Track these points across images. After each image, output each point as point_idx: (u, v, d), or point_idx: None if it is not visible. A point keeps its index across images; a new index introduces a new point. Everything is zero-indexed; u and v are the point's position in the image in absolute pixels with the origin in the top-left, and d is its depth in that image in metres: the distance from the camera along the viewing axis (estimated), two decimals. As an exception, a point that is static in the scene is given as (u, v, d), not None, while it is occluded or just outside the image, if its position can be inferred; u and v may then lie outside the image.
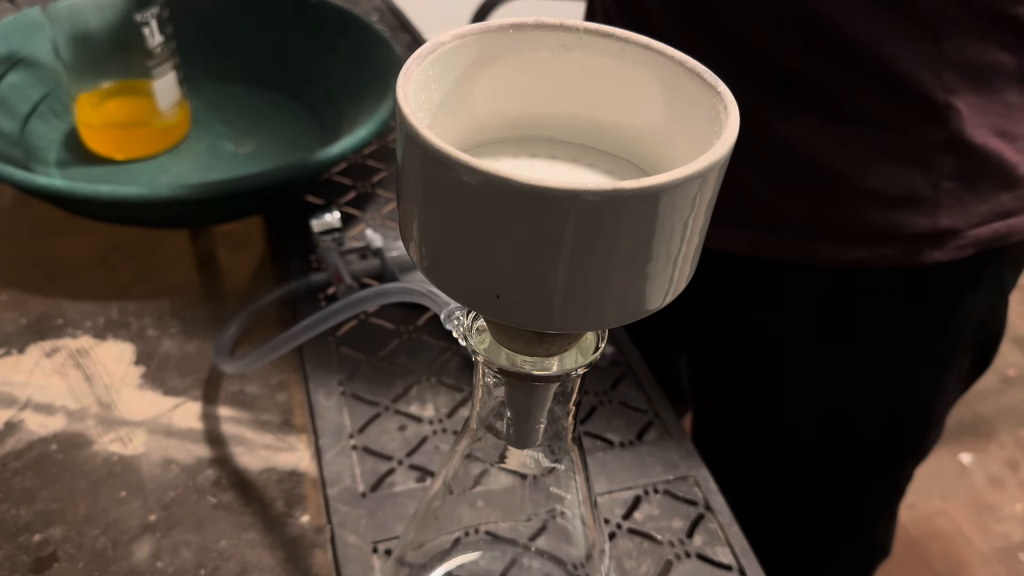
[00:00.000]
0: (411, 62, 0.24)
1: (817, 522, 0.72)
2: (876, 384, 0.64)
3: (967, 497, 1.43)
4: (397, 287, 0.34)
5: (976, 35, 0.52)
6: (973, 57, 0.52)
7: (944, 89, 0.52)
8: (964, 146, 0.54)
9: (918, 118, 0.53)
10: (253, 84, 0.70)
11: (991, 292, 0.63)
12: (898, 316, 0.62)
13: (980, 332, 0.65)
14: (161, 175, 0.62)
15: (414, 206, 0.23)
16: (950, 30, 0.51)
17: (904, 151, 0.54)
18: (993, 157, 0.55)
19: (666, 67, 0.25)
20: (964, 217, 0.56)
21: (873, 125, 0.54)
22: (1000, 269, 0.62)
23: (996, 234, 0.57)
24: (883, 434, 0.67)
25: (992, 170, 0.55)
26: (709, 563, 0.43)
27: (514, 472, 0.34)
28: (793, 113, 0.54)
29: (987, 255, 0.58)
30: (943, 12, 0.50)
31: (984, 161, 0.55)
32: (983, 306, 0.63)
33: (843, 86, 0.53)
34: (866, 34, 0.51)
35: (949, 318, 0.62)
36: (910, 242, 0.56)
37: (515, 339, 0.27)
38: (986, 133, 0.54)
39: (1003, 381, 1.63)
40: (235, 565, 0.41)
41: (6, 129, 0.60)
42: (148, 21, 0.59)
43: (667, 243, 0.22)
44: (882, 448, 0.68)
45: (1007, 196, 0.56)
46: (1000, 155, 0.55)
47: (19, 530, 0.42)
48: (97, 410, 0.48)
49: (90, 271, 0.57)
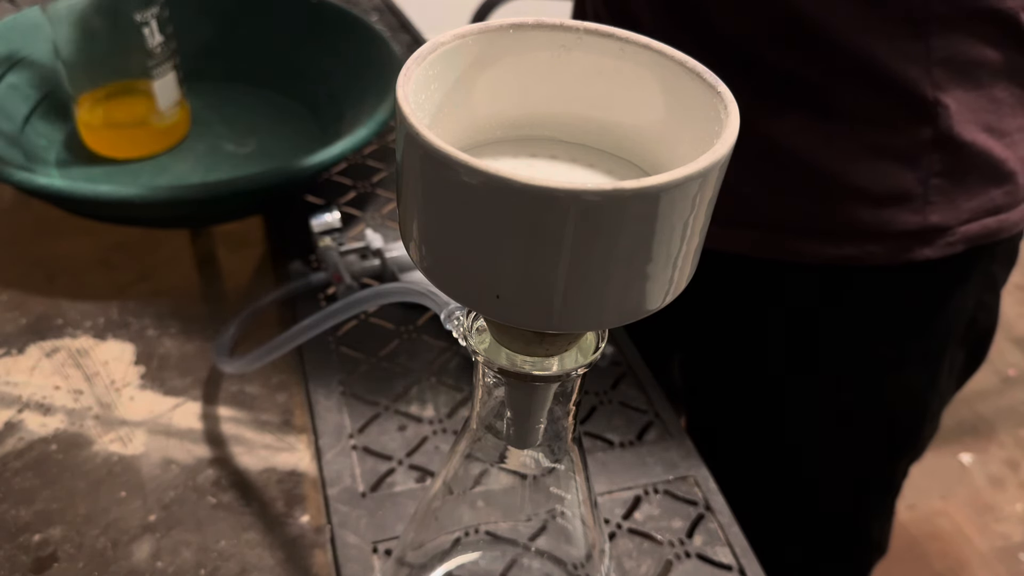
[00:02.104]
0: (411, 62, 0.24)
1: (815, 521, 0.72)
2: (869, 382, 0.64)
3: (967, 497, 1.43)
4: (397, 287, 0.34)
5: (962, 31, 0.52)
6: (960, 53, 0.52)
7: (933, 86, 0.52)
8: (953, 143, 0.54)
9: (907, 115, 0.53)
10: (253, 84, 0.70)
11: (982, 288, 0.63)
12: (888, 313, 0.62)
13: (972, 328, 0.65)
14: (161, 175, 0.62)
15: (414, 206, 0.23)
16: (936, 26, 0.51)
17: (893, 148, 0.54)
18: (982, 153, 0.55)
19: (666, 67, 0.25)
20: (953, 214, 0.56)
21: (861, 122, 0.54)
22: (991, 265, 0.62)
23: (986, 230, 0.57)
24: (878, 431, 0.67)
25: (981, 166, 0.55)
26: (709, 563, 0.43)
27: (514, 472, 0.34)
28: (781, 112, 0.54)
29: (977, 251, 0.58)
30: (928, 8, 0.50)
31: (973, 157, 0.55)
32: (974, 302, 0.63)
33: (831, 84, 0.53)
34: (853, 32, 0.51)
35: (939, 315, 0.62)
36: (899, 239, 0.56)
37: (515, 339, 0.27)
38: (975, 129, 0.54)
39: (1003, 381, 1.63)
40: (235, 565, 0.41)
41: (6, 129, 0.60)
42: (148, 21, 0.59)
43: (667, 243, 0.22)
44: (877, 445, 0.68)
45: (996, 192, 0.56)
46: (989, 151, 0.55)
47: (19, 530, 0.42)
48: (97, 410, 0.48)
49: (90, 271, 0.57)
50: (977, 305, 0.63)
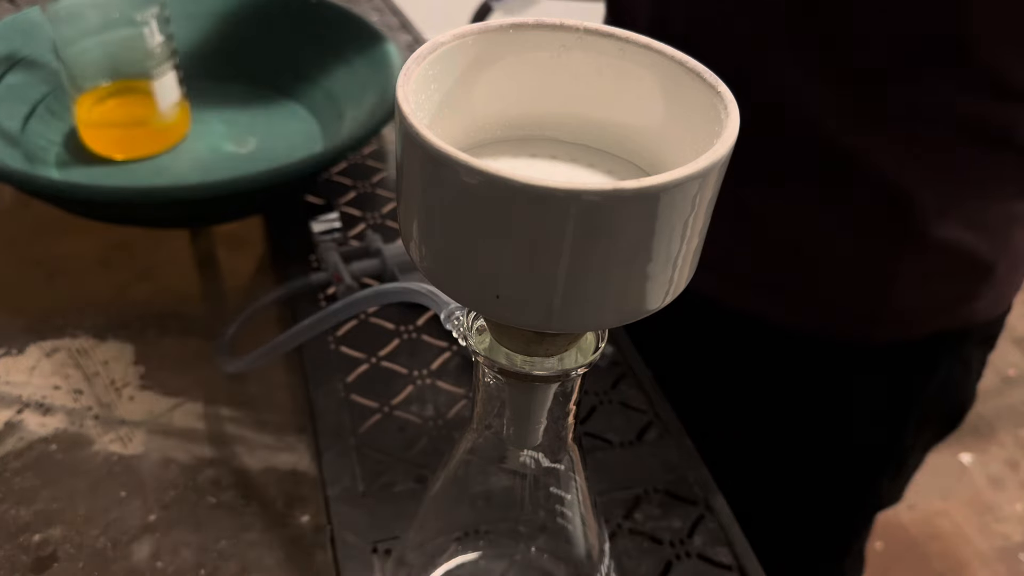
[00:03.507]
0: (411, 62, 0.24)
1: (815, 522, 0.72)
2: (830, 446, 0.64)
3: (967, 497, 1.43)
4: (397, 287, 0.34)
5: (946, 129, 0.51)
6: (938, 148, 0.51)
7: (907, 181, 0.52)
8: (925, 232, 0.53)
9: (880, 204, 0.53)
10: (253, 84, 0.70)
11: (951, 369, 0.62)
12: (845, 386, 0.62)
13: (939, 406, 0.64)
14: (161, 175, 0.62)
15: (414, 206, 0.23)
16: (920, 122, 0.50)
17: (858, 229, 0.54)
18: (956, 246, 0.54)
19: (666, 67, 0.25)
20: (918, 298, 0.56)
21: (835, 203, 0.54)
22: (965, 347, 0.61)
23: (953, 316, 0.57)
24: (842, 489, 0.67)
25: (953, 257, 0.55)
26: (709, 563, 0.43)
27: (514, 472, 0.34)
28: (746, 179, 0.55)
29: (945, 335, 0.58)
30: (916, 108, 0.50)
31: (945, 249, 0.54)
32: (940, 383, 0.62)
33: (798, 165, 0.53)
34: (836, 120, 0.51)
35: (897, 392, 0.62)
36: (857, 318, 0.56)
37: (515, 339, 0.27)
38: (951, 224, 0.53)
39: (1003, 381, 1.63)
40: (235, 565, 0.41)
41: (6, 129, 0.60)
42: (148, 21, 0.59)
43: (667, 243, 0.22)
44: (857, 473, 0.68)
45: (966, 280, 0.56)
46: (963, 243, 0.54)
47: (19, 530, 0.42)
48: (97, 410, 0.48)
49: (90, 271, 0.57)
50: (944, 386, 0.63)
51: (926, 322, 0.57)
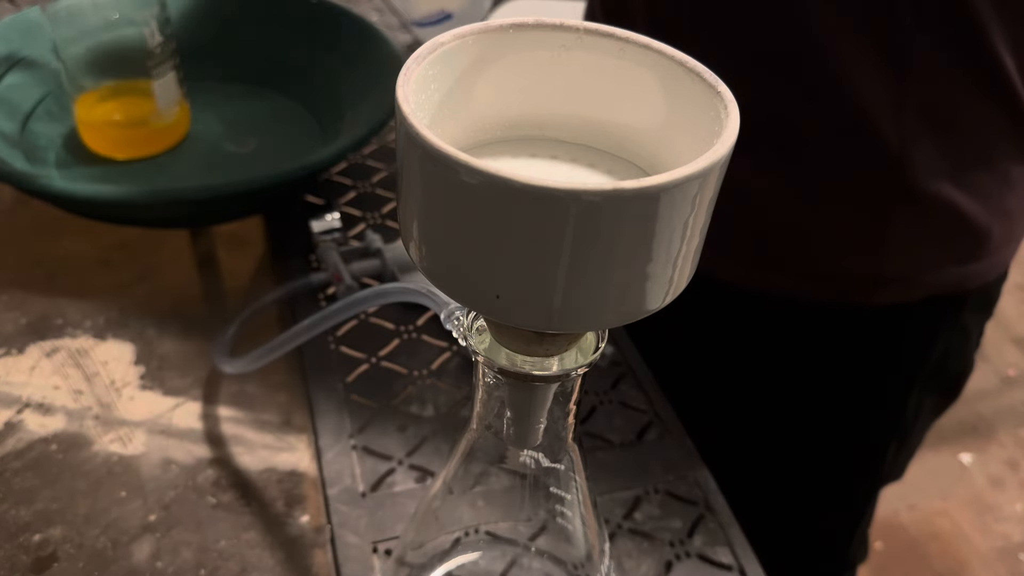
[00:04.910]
0: (411, 62, 0.24)
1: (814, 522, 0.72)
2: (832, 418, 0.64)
3: (967, 497, 1.43)
4: (397, 287, 0.34)
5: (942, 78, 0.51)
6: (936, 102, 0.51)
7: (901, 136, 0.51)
8: (916, 194, 0.53)
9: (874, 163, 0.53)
10: (253, 84, 0.70)
11: (950, 335, 0.62)
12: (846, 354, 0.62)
13: (939, 373, 0.64)
14: (161, 175, 0.62)
15: (414, 206, 0.23)
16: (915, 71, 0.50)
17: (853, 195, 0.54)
18: (949, 206, 0.54)
19: (666, 67, 0.25)
20: (912, 262, 0.56)
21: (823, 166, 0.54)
22: (960, 313, 0.61)
23: (949, 279, 0.57)
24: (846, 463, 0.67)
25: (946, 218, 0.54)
26: (709, 563, 0.43)
27: (514, 472, 0.34)
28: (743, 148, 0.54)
29: (943, 300, 0.58)
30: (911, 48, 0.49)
31: (938, 209, 0.54)
32: (940, 350, 0.62)
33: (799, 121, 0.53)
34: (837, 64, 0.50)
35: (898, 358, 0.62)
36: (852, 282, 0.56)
37: (515, 339, 0.27)
38: (943, 182, 0.53)
39: (1003, 381, 1.63)
40: (235, 565, 0.41)
41: (6, 129, 0.60)
42: (148, 21, 0.59)
43: (667, 243, 0.22)
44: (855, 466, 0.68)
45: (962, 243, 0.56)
46: (956, 204, 0.54)
47: (19, 530, 0.42)
48: (97, 410, 0.48)
49: (90, 271, 0.57)
50: (944, 352, 0.63)
51: (924, 284, 0.57)
